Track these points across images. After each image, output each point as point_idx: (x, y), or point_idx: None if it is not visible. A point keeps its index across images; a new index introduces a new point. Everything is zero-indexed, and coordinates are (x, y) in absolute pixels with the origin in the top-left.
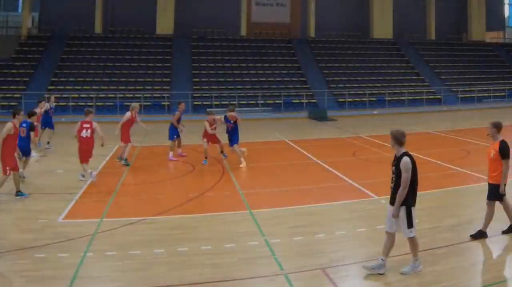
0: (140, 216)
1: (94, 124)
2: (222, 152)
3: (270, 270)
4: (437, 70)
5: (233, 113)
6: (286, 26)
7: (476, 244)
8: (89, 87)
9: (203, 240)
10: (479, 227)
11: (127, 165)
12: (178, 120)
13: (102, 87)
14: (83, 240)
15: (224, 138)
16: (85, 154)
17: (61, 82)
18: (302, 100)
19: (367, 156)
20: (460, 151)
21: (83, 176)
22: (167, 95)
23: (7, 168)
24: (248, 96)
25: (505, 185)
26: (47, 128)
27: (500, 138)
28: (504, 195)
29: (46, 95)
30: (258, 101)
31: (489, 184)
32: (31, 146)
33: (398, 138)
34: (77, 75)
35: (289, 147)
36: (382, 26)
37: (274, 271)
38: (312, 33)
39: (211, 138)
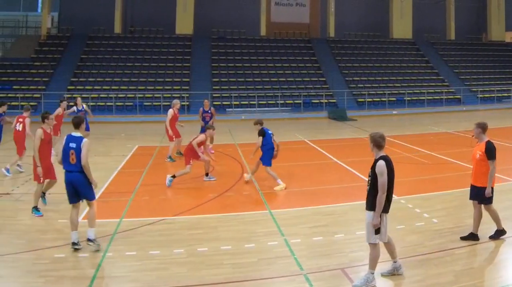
0: (160, 216)
1: (27, 120)
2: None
3: (290, 270)
4: (456, 70)
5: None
6: (305, 26)
7: (496, 244)
8: (108, 87)
9: (222, 240)
10: (499, 227)
11: (172, 160)
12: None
13: (122, 87)
14: (102, 240)
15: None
16: (17, 146)
17: (81, 82)
18: (321, 100)
19: None
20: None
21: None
22: (187, 95)
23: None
24: (267, 96)
25: (492, 187)
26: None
27: (486, 139)
28: (491, 196)
29: (66, 95)
30: (278, 101)
31: (475, 187)
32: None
33: (377, 142)
34: (97, 75)
35: (309, 146)
36: (402, 26)
37: (294, 271)
38: (331, 33)
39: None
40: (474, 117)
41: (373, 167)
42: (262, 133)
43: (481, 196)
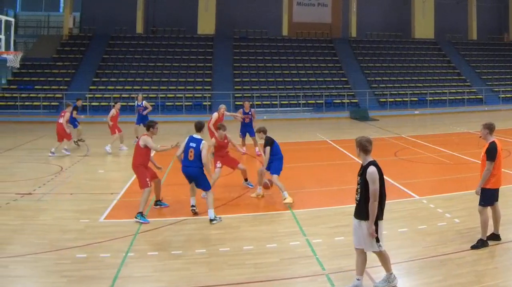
0: (182, 216)
1: (67, 114)
2: (246, 179)
3: (312, 270)
4: (478, 70)
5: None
6: (327, 26)
7: None
8: (130, 87)
9: (244, 240)
10: (483, 236)
11: None
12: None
13: (144, 87)
14: (124, 239)
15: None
16: (58, 136)
17: (103, 82)
18: (343, 100)
19: (408, 156)
20: (502, 151)
21: None
22: (209, 95)
23: (147, 179)
24: (289, 96)
25: (482, 188)
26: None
27: (491, 140)
28: (487, 198)
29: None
30: (300, 102)
31: (483, 189)
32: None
33: (364, 146)
34: (119, 75)
35: (331, 146)
36: (424, 26)
37: (315, 271)
38: (353, 33)
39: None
40: (495, 117)
41: (362, 174)
42: (270, 142)
43: (489, 197)
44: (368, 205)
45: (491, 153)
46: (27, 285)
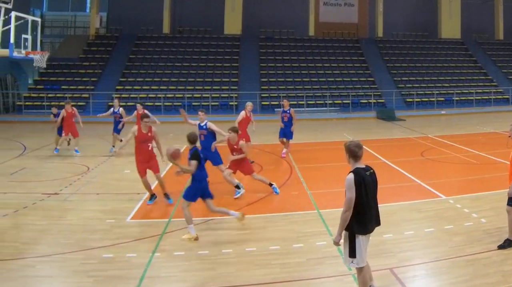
0: (208, 216)
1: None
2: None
3: (338, 270)
4: (505, 70)
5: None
6: (354, 26)
7: None
8: (157, 87)
9: (271, 240)
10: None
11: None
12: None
13: (170, 87)
14: (151, 240)
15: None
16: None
17: (129, 82)
18: (370, 100)
19: (435, 156)
20: None
21: None
22: (235, 95)
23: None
24: (316, 96)
25: None
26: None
27: None
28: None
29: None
30: (326, 101)
31: None
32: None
33: (353, 152)
34: (145, 75)
35: None
36: (450, 26)
37: (342, 271)
38: (380, 33)
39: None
40: None
41: None
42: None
43: None
44: (344, 214)
45: None
46: (54, 285)
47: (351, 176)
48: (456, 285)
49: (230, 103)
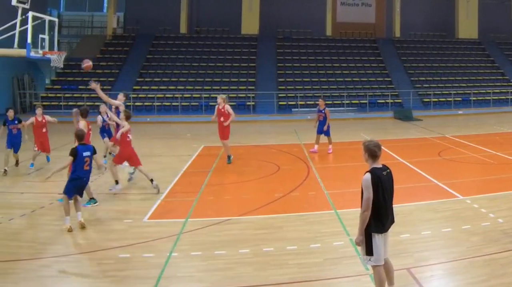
0: (225, 216)
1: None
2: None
3: (355, 270)
4: None
5: None
6: (371, 26)
7: None
8: (174, 87)
9: (288, 240)
10: None
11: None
12: None
13: (187, 87)
14: (168, 240)
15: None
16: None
17: (146, 82)
18: (387, 100)
19: (452, 156)
20: None
21: None
22: (252, 95)
23: None
24: (333, 96)
25: None
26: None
27: None
28: None
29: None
30: (343, 101)
31: None
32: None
33: (373, 151)
34: (162, 75)
35: None
36: (468, 26)
37: (359, 271)
38: (397, 33)
39: None
40: None
41: None
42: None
43: None
44: (363, 214)
45: None
46: (71, 285)
47: (368, 175)
48: (473, 285)
49: (247, 103)
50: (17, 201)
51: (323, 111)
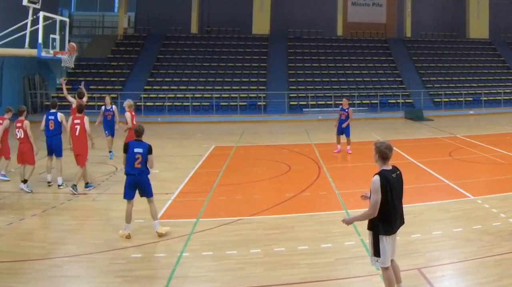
0: (236, 216)
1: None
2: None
3: (366, 270)
4: None
5: None
6: (382, 26)
7: None
8: (185, 87)
9: (299, 240)
10: None
11: None
12: None
13: (198, 87)
14: (179, 240)
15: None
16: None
17: (157, 82)
18: (398, 100)
19: (463, 156)
20: None
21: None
22: (263, 95)
23: None
24: (344, 96)
25: None
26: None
27: None
28: None
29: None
30: (354, 101)
31: None
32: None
33: (384, 153)
34: (173, 75)
35: None
36: (478, 26)
37: (370, 271)
38: (408, 33)
39: None
40: None
41: None
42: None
43: None
44: (373, 215)
45: None
46: (82, 285)
47: (377, 178)
48: (484, 285)
49: (258, 103)
50: (28, 201)
51: (346, 110)
